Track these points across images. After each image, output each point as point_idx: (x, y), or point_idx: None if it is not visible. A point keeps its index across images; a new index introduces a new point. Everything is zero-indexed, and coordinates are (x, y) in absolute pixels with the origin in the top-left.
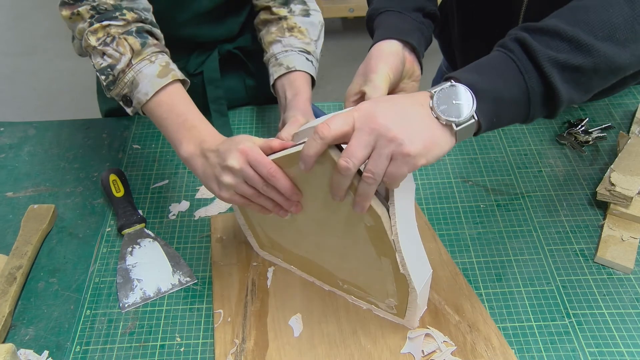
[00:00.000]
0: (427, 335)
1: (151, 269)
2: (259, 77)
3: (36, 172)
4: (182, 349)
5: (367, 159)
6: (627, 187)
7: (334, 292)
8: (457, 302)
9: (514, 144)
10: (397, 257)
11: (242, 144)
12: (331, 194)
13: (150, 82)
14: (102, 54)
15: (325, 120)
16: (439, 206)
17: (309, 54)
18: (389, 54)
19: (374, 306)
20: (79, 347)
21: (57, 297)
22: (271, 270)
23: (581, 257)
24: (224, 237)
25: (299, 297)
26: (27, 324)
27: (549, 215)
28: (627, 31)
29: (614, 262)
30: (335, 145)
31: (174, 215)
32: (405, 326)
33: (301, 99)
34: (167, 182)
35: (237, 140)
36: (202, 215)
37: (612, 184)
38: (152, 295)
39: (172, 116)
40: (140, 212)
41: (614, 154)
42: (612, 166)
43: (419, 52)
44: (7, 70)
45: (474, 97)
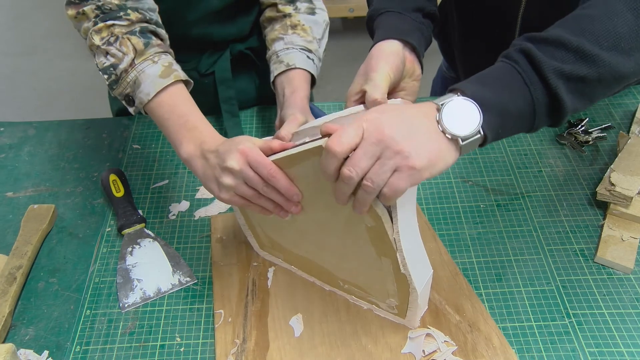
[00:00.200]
0: (427, 335)
1: (151, 269)
2: (269, 78)
3: (36, 172)
4: (182, 349)
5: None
6: (627, 187)
7: (334, 292)
8: (457, 302)
9: (514, 144)
10: (397, 257)
11: (241, 145)
12: (335, 198)
13: (152, 82)
14: (106, 54)
15: (335, 134)
16: (439, 206)
17: (310, 52)
18: (389, 53)
19: (374, 306)
20: (79, 347)
21: (57, 297)
22: (271, 270)
23: (581, 257)
24: (224, 237)
25: (299, 297)
26: (27, 324)
27: (549, 215)
28: (632, 40)
29: (614, 262)
30: None
31: (174, 215)
32: (406, 326)
33: (298, 96)
34: (167, 182)
35: (236, 141)
36: (202, 215)
37: (612, 184)
38: (152, 295)
39: (173, 117)
40: (140, 212)
41: (614, 154)
42: (612, 166)
43: (419, 51)
44: (7, 70)
45: (480, 111)
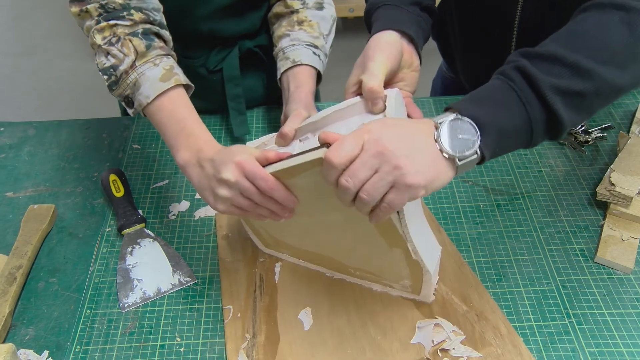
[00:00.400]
0: (436, 325)
1: (151, 269)
2: (276, 76)
3: (36, 172)
4: (182, 349)
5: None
6: (627, 187)
7: (342, 285)
8: (464, 292)
9: None
10: (408, 246)
11: (238, 156)
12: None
13: (152, 85)
14: (107, 54)
15: (335, 145)
16: (439, 206)
17: (316, 47)
18: (386, 43)
19: (388, 287)
20: (79, 347)
21: (57, 297)
22: (278, 265)
23: (581, 257)
24: (230, 234)
25: (307, 291)
26: (27, 324)
27: (549, 215)
28: (627, 53)
29: (614, 262)
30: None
31: (174, 215)
32: (414, 317)
33: (303, 91)
34: (167, 182)
35: (233, 151)
36: (202, 215)
37: (612, 184)
38: (152, 295)
39: (171, 121)
40: (140, 212)
41: (614, 154)
42: (612, 166)
43: (417, 42)
44: (7, 70)
45: (478, 131)
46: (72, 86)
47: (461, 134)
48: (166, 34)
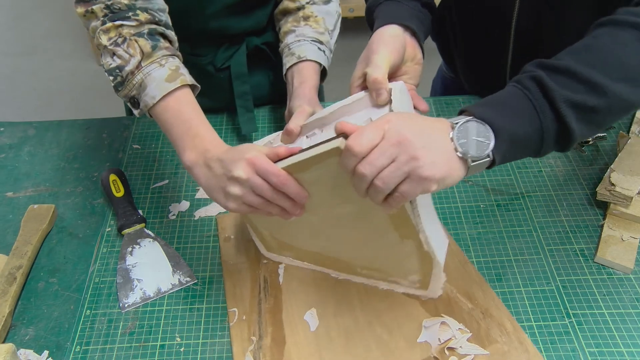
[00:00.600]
0: (442, 323)
1: (151, 269)
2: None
3: (36, 172)
4: (182, 349)
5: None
6: (627, 187)
7: (347, 285)
8: (468, 290)
9: None
10: (420, 237)
11: (248, 154)
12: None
13: (158, 86)
14: (112, 54)
15: (356, 134)
16: (439, 206)
17: (321, 43)
18: (389, 37)
19: (395, 284)
20: (79, 347)
21: (57, 297)
22: (282, 267)
23: (581, 257)
24: (232, 236)
25: (312, 292)
26: (27, 324)
27: (549, 215)
28: None
29: (614, 262)
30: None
31: (174, 215)
32: (419, 315)
33: (307, 86)
34: (167, 182)
35: (242, 149)
36: (202, 215)
37: (612, 184)
38: (152, 295)
39: (177, 122)
40: (140, 212)
41: (614, 154)
42: (612, 166)
43: (419, 36)
44: (7, 70)
45: (492, 135)
46: (72, 86)
47: (476, 136)
48: (171, 34)
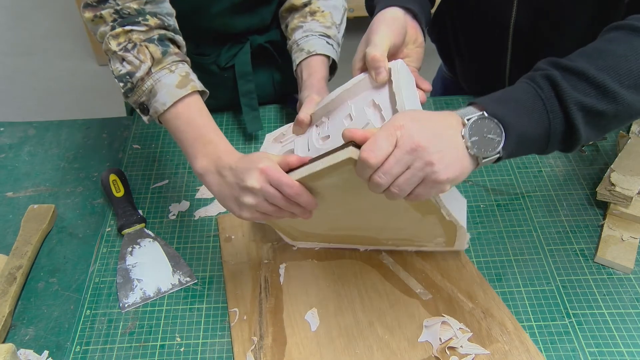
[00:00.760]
0: (443, 323)
1: (151, 269)
2: (288, 73)
3: (36, 172)
4: (182, 349)
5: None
6: (627, 187)
7: (347, 284)
8: (469, 290)
9: None
10: (442, 212)
11: (261, 163)
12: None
13: (168, 92)
14: (122, 60)
15: (369, 144)
16: None
17: (329, 37)
18: (390, 18)
19: (422, 246)
20: (79, 347)
21: (57, 297)
22: (283, 266)
23: (581, 257)
24: (233, 237)
25: (313, 292)
26: (27, 324)
27: (549, 215)
28: None
29: (614, 262)
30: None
31: (174, 215)
32: (421, 314)
33: (316, 77)
34: (167, 182)
35: (254, 159)
36: (202, 215)
37: (612, 184)
38: (152, 295)
39: (188, 129)
40: (140, 212)
41: (614, 154)
42: (612, 166)
43: (421, 19)
44: (7, 70)
45: (503, 132)
46: (72, 86)
47: (488, 134)
48: (180, 39)
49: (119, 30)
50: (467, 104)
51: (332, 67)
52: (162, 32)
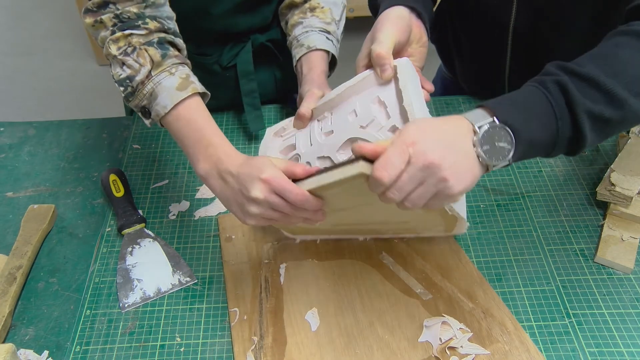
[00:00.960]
0: (443, 323)
1: (151, 269)
2: (289, 71)
3: (36, 172)
4: (182, 349)
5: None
6: (627, 187)
7: (347, 284)
8: (469, 290)
9: None
10: (445, 207)
11: (264, 173)
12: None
13: (169, 95)
14: (122, 64)
15: (381, 162)
16: None
17: (329, 33)
18: (395, 17)
19: (422, 234)
20: (79, 347)
21: (57, 297)
22: (283, 266)
23: (581, 257)
24: (233, 237)
25: (313, 292)
26: (27, 324)
27: (549, 215)
28: None
29: (614, 262)
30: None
31: (174, 215)
32: (421, 315)
33: (316, 72)
34: (167, 182)
35: (256, 165)
36: (202, 215)
37: (612, 184)
38: (152, 295)
39: (189, 132)
40: (140, 212)
41: (614, 154)
42: (612, 166)
43: (425, 19)
44: (7, 70)
45: (514, 140)
46: (72, 86)
47: (499, 142)
48: (180, 42)
49: (118, 34)
50: (475, 106)
51: (332, 63)
52: (162, 35)
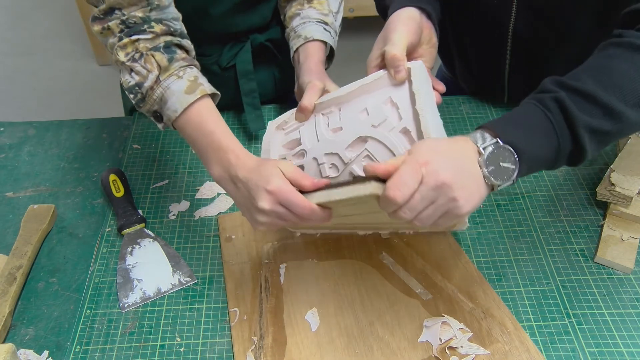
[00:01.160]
0: (443, 323)
1: (151, 269)
2: (288, 70)
3: (36, 172)
4: (182, 349)
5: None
6: (627, 187)
7: (347, 284)
8: (469, 290)
9: None
10: None
11: (270, 184)
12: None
13: (178, 99)
14: (130, 71)
15: (394, 182)
16: None
17: (326, 24)
18: (406, 18)
19: (423, 230)
20: (79, 347)
21: (57, 297)
22: (283, 266)
23: (581, 257)
24: (233, 236)
25: (313, 292)
26: (27, 324)
27: (549, 215)
28: None
29: (614, 262)
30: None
31: (174, 215)
32: (421, 314)
33: (312, 61)
34: (167, 182)
35: (264, 176)
36: (202, 215)
37: (612, 184)
38: (152, 295)
39: (200, 135)
40: (140, 212)
41: (614, 154)
42: (612, 166)
43: (434, 19)
44: (7, 70)
45: (518, 160)
46: (72, 86)
47: (503, 162)
48: (187, 43)
49: (125, 40)
50: (476, 128)
51: (330, 56)
52: (169, 38)
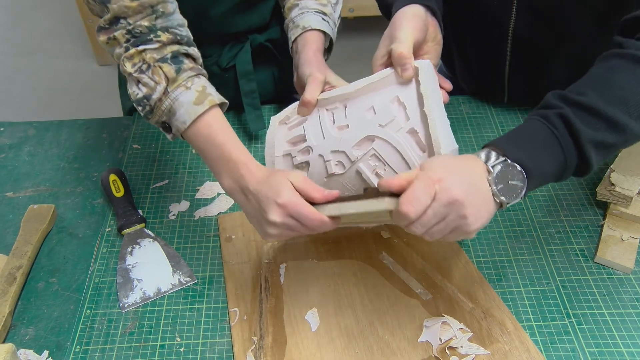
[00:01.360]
0: (443, 323)
1: (151, 269)
2: (288, 70)
3: (36, 172)
4: (182, 349)
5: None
6: (627, 187)
7: (347, 284)
8: (469, 290)
9: None
10: None
11: (280, 197)
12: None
13: (187, 111)
14: (137, 82)
15: (408, 198)
16: None
17: (325, 14)
18: (412, 15)
19: None
20: (79, 347)
21: (57, 297)
22: (283, 266)
23: (581, 257)
24: (233, 236)
25: (313, 292)
26: (27, 324)
27: (549, 215)
28: None
29: (614, 262)
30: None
31: (174, 215)
32: (421, 315)
33: (311, 48)
34: (167, 182)
35: (275, 188)
36: (202, 215)
37: (612, 184)
38: (152, 295)
39: (209, 147)
40: (140, 212)
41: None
42: (612, 166)
43: (439, 17)
44: (7, 70)
45: (526, 178)
46: (72, 86)
47: (512, 180)
48: (195, 51)
49: (132, 51)
50: (482, 146)
51: (328, 49)
52: (176, 48)
